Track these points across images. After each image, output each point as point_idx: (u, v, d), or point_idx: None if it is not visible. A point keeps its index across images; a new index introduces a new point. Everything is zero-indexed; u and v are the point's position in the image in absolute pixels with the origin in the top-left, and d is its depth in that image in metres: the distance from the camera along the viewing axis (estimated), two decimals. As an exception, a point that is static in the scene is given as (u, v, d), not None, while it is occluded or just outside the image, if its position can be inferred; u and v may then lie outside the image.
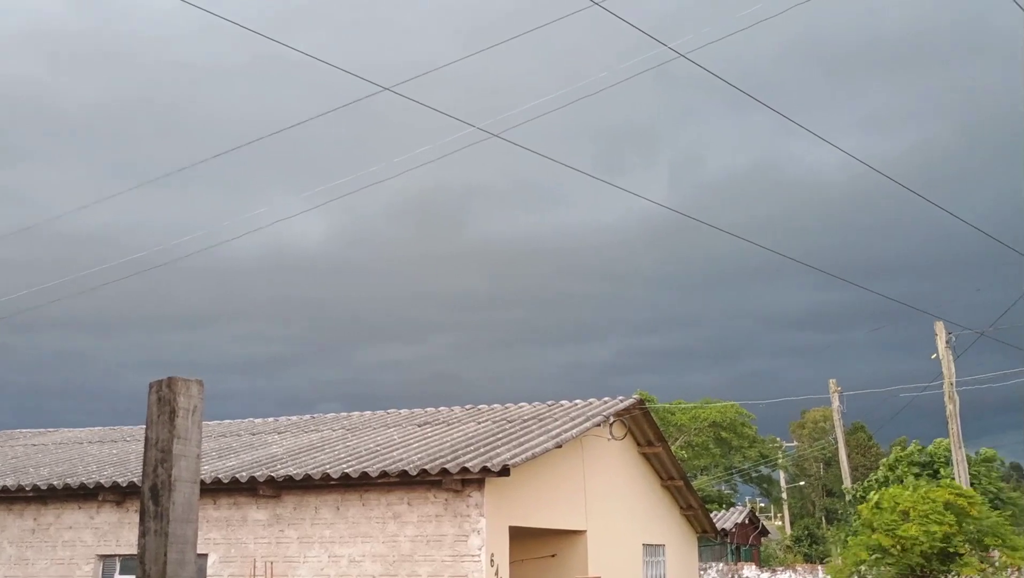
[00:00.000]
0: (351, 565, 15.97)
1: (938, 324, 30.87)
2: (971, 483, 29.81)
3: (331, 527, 16.33)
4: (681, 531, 24.23)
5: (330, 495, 16.44)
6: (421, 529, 15.58)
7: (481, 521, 15.14)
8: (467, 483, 15.29)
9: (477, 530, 15.14)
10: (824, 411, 66.92)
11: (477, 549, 15.08)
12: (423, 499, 15.69)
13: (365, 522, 16.11)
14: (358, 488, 16.18)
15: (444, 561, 15.29)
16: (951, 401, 30.30)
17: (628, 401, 21.19)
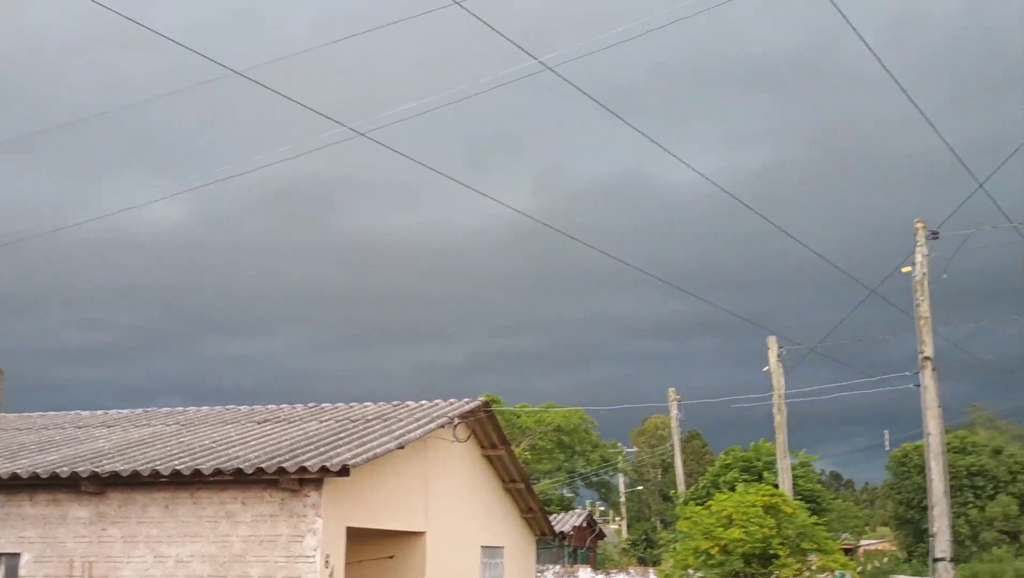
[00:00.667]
0: (178, 566, 15.39)
1: (771, 338, 32.49)
2: (792, 488, 31.46)
3: (159, 526, 15.70)
4: (520, 533, 24.53)
5: (160, 493, 15.80)
6: (255, 529, 15.18)
7: (318, 522, 14.89)
8: (305, 483, 15.00)
9: (313, 531, 14.88)
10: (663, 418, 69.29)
11: (312, 550, 14.82)
12: (258, 498, 15.29)
13: (196, 521, 15.56)
14: (190, 486, 15.62)
15: (277, 562, 14.95)
16: (779, 412, 31.92)
17: (473, 403, 21.29)
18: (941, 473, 21.08)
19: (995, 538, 39.86)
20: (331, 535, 15.22)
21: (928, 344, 21.67)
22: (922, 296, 21.90)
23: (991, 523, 40.37)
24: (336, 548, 15.41)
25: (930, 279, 22.08)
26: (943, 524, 20.84)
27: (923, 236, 22.08)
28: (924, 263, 22.04)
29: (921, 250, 22.05)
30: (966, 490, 41.18)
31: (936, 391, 21.65)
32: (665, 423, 66.64)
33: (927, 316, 21.77)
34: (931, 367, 21.57)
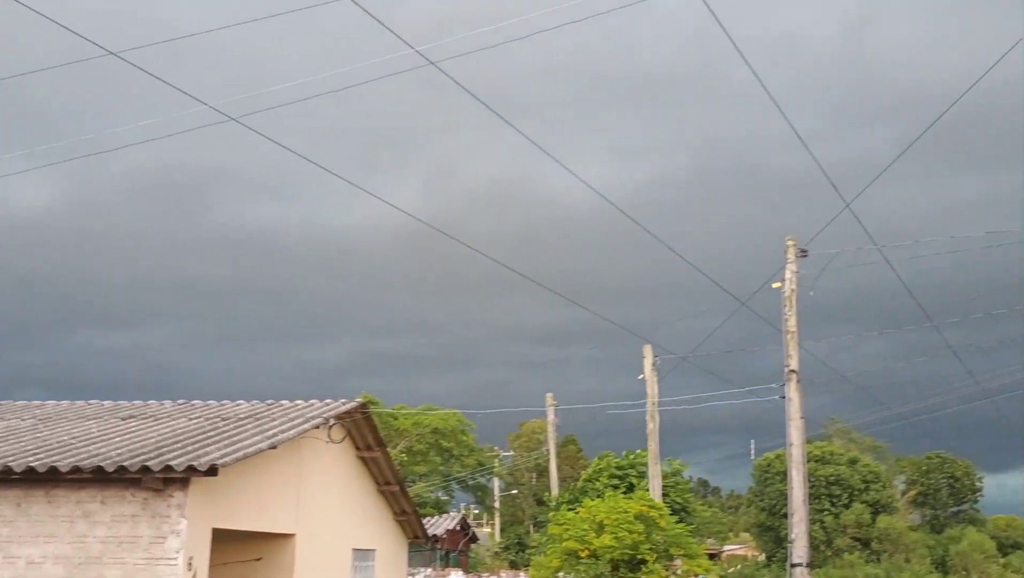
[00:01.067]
0: (29, 567, 14.63)
1: (646, 347, 33.24)
2: (662, 496, 32.26)
3: (10, 525, 14.89)
4: (393, 536, 24.33)
5: (11, 490, 14.99)
6: (114, 530, 14.56)
7: (182, 522, 14.40)
8: (170, 482, 14.48)
9: (176, 532, 14.38)
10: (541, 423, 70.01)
11: (175, 552, 14.32)
12: (119, 498, 14.67)
13: (51, 521, 14.83)
14: (45, 484, 14.87)
15: (137, 564, 14.38)
16: (652, 419, 32.68)
17: (350, 404, 21.01)
18: (801, 481, 21.98)
19: (848, 544, 41.83)
20: (195, 537, 14.75)
21: (794, 357, 22.58)
22: (790, 311, 22.81)
23: (845, 530, 42.34)
24: (200, 550, 14.93)
25: (798, 295, 23.02)
26: (801, 530, 21.72)
27: (793, 253, 23.01)
28: (793, 280, 22.96)
29: (790, 267, 22.97)
30: (823, 498, 43.05)
31: (800, 403, 22.58)
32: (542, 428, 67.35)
33: (794, 330, 22.67)
34: (796, 380, 22.48)
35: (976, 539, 47.83)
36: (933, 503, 60.27)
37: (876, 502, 43.95)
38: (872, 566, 39.23)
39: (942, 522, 58.12)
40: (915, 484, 60.69)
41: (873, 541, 42.13)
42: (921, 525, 56.76)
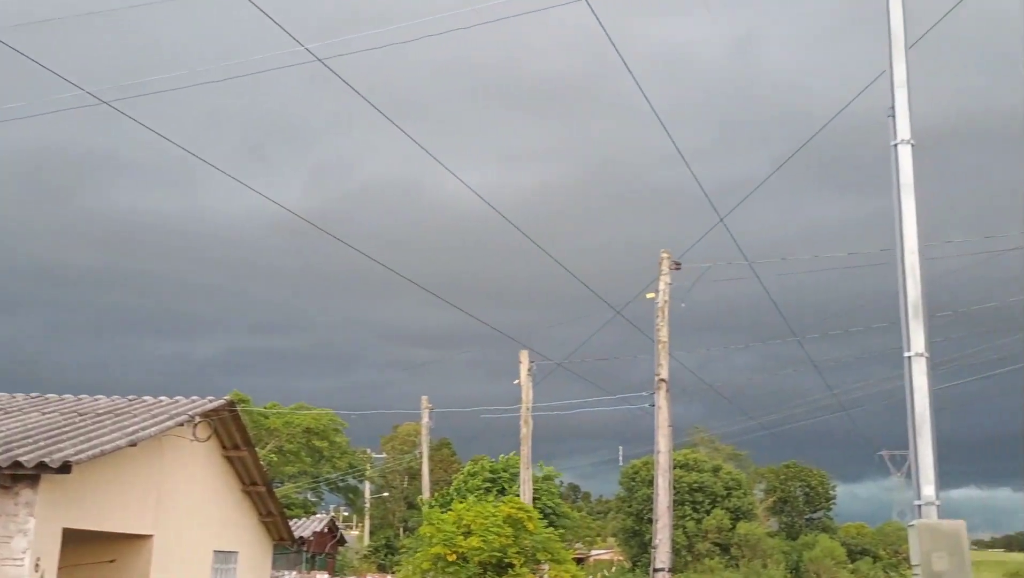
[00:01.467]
0: None
1: (523, 352, 33.49)
2: (533, 500, 32.55)
3: None
4: (257, 538, 23.73)
5: None
6: (-46, 529, 13.71)
7: (30, 522, 13.68)
8: (19, 479, 13.75)
9: (24, 531, 13.65)
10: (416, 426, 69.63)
11: (21, 552, 13.59)
12: (-39, 495, 13.83)
13: None
14: None
15: (-21, 565, 13.58)
16: (526, 424, 32.94)
17: (217, 402, 20.41)
18: (667, 488, 22.55)
19: (709, 549, 43.18)
20: (44, 536, 14.04)
21: (664, 367, 23.16)
22: (662, 321, 23.38)
23: (706, 535, 43.70)
24: (49, 551, 14.22)
25: (670, 306, 23.62)
26: (665, 536, 22.27)
27: (667, 266, 23.61)
28: (666, 291, 23.56)
29: (664, 279, 23.56)
30: (687, 504, 44.34)
31: (669, 411, 23.16)
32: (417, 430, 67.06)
33: (665, 340, 23.26)
34: (665, 388, 23.06)
35: (828, 546, 50.15)
36: (790, 510, 62.89)
37: (737, 509, 45.51)
38: (731, 571, 40.61)
39: (797, 529, 60.69)
40: (773, 492, 63.20)
41: (733, 546, 43.60)
42: (778, 531, 59.13)
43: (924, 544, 9.75)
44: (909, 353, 10.79)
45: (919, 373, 10.69)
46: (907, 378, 10.76)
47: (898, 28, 11.42)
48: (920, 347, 10.75)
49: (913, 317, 10.89)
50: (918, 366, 10.71)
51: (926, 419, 10.53)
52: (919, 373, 10.69)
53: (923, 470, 10.44)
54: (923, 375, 10.68)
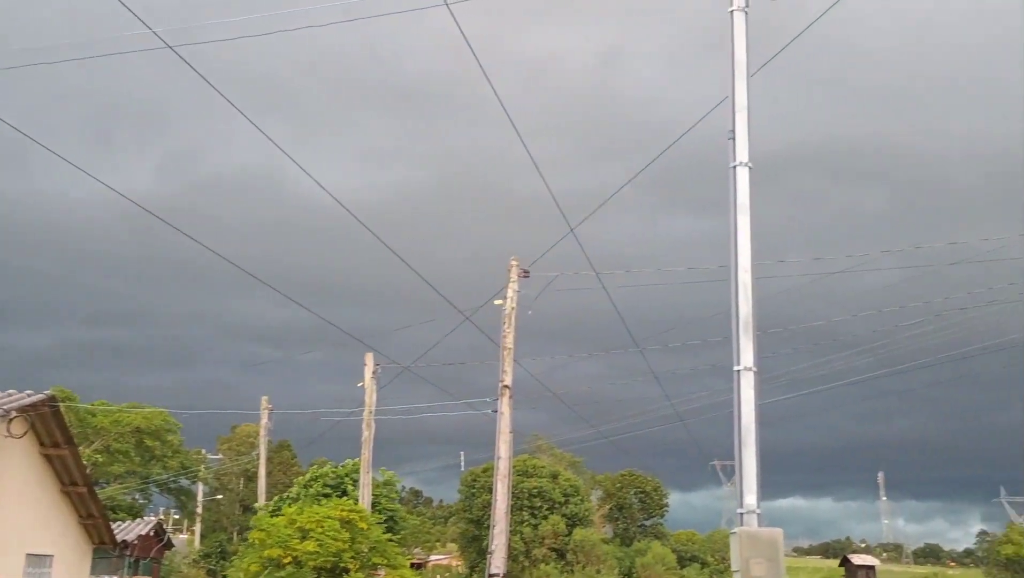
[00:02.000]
0: None
1: (368, 355, 33.07)
2: (372, 504, 32.15)
3: None
4: (76, 541, 22.45)
5: None
6: None
7: None
8: None
9: None
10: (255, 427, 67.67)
11: None
12: None
13: None
14: None
15: None
16: (368, 428, 32.53)
17: (35, 397, 19.21)
18: (506, 494, 22.71)
19: (545, 555, 43.77)
20: None
21: (509, 373, 23.33)
22: (508, 328, 23.57)
23: (543, 541, 44.28)
24: None
25: (517, 313, 23.84)
26: (501, 542, 22.41)
27: (516, 273, 23.82)
28: (514, 298, 23.76)
29: (512, 286, 23.76)
30: (525, 510, 44.81)
31: (511, 417, 23.34)
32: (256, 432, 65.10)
33: (510, 347, 23.44)
34: (509, 395, 23.23)
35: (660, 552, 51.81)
36: (625, 517, 64.65)
37: (574, 515, 46.34)
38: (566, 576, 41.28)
39: (631, 535, 62.43)
40: (610, 498, 64.82)
41: (568, 552, 44.35)
42: (613, 538, 60.64)
43: (744, 550, 10.15)
44: (738, 367, 11.22)
45: (747, 386, 11.14)
46: (735, 391, 11.19)
47: (741, 55, 11.91)
48: (749, 361, 11.20)
49: (743, 333, 11.34)
50: (746, 380, 11.16)
51: (751, 431, 10.98)
52: (747, 386, 11.14)
53: (747, 480, 10.87)
54: (751, 388, 11.13)
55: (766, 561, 10.06)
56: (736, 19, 12.06)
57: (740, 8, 12.03)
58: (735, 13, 12.04)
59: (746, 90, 11.80)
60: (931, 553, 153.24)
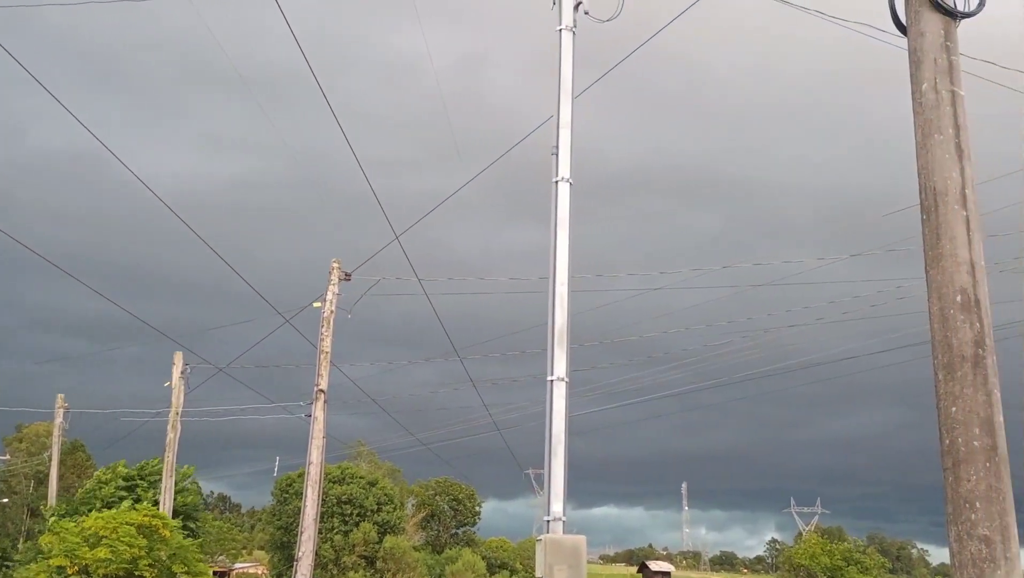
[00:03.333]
0: None
1: (177, 354, 31.70)
2: (174, 509, 30.79)
3: None
4: None
5: None
6: None
7: None
8: None
9: None
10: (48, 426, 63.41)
11: None
12: None
13: None
14: None
15: None
16: (173, 429, 31.15)
17: None
18: (316, 500, 22.27)
19: (355, 562, 43.26)
20: None
21: (325, 377, 22.92)
22: (327, 331, 23.17)
23: (353, 548, 43.75)
24: None
25: (337, 317, 23.47)
26: (309, 548, 21.96)
27: (337, 276, 23.46)
28: (334, 301, 23.38)
29: (333, 289, 23.38)
30: (336, 517, 44.15)
31: (324, 422, 22.93)
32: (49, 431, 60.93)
33: (328, 351, 23.05)
34: (324, 399, 22.82)
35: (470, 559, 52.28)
36: (437, 525, 64.79)
37: (386, 523, 46.06)
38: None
39: (443, 543, 62.63)
40: (424, 506, 64.82)
41: (378, 560, 44.03)
42: (424, 545, 60.61)
43: (548, 557, 10.38)
44: (551, 377, 11.49)
45: (559, 396, 11.42)
46: (548, 401, 11.44)
47: (567, 74, 12.24)
48: (562, 372, 11.49)
49: (558, 344, 11.62)
50: (558, 390, 11.44)
51: (561, 440, 11.25)
52: (559, 396, 11.42)
53: (554, 488, 11.13)
54: (562, 399, 11.42)
55: (568, 567, 10.32)
56: (564, 39, 12.38)
57: (568, 28, 12.36)
58: (562, 32, 12.36)
59: (570, 108, 12.13)
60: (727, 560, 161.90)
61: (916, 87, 7.08)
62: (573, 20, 12.47)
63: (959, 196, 6.71)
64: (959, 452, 6.27)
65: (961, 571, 6.07)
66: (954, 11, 7.07)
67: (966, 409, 6.30)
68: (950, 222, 6.66)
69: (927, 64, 7.02)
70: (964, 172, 6.79)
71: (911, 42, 7.20)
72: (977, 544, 6.04)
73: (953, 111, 6.92)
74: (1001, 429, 6.34)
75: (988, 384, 6.34)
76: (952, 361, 6.42)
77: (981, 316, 6.47)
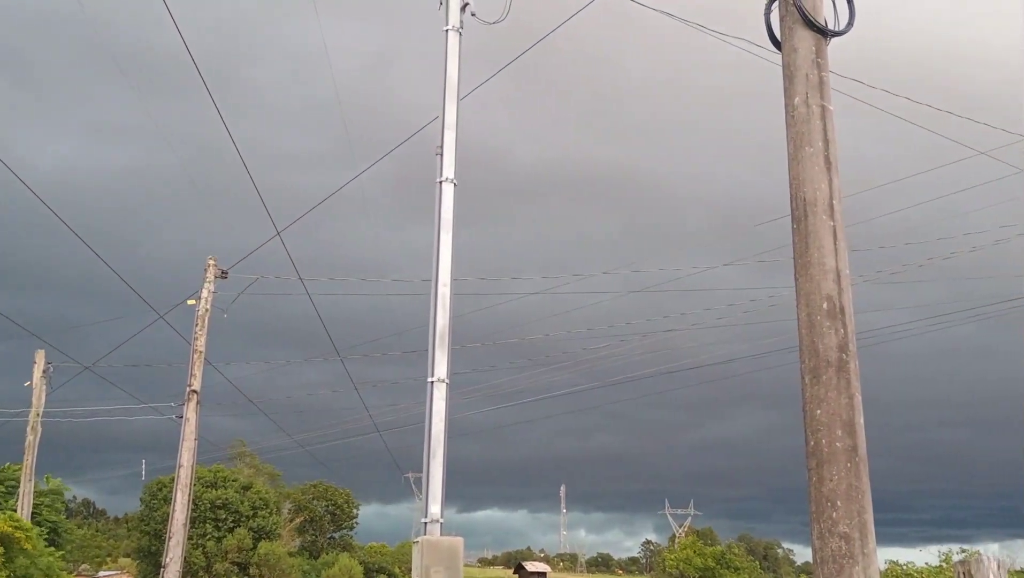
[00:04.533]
0: None
1: (39, 352, 30.20)
2: (33, 515, 29.29)
3: None
4: None
5: None
6: None
7: None
8: None
9: None
10: None
11: None
12: None
13: None
14: None
15: None
16: (33, 431, 29.65)
17: None
18: (185, 504, 21.53)
19: (227, 569, 42.06)
20: None
21: (198, 377, 22.20)
22: (201, 330, 22.45)
23: (226, 555, 42.53)
24: None
25: (215, 316, 22.80)
26: (177, 554, 21.21)
27: (212, 273, 22.77)
28: (209, 299, 22.69)
29: (208, 286, 22.69)
30: (208, 522, 42.82)
31: (197, 424, 22.21)
32: None
33: (202, 350, 22.34)
34: (197, 400, 22.10)
35: (347, 564, 51.57)
36: (314, 529, 63.61)
37: (261, 529, 44.95)
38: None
39: (320, 547, 61.53)
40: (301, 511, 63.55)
41: (252, 566, 42.94)
42: (301, 550, 59.41)
43: (425, 559, 10.30)
44: (432, 378, 11.42)
45: (439, 398, 11.35)
46: (428, 402, 11.37)
47: (453, 74, 12.20)
48: (443, 374, 11.43)
49: (439, 345, 11.56)
50: (439, 391, 11.37)
51: (440, 441, 11.19)
52: (439, 398, 11.35)
53: (432, 490, 11.06)
54: (442, 400, 11.36)
55: (445, 569, 10.26)
56: (450, 39, 12.35)
57: (455, 28, 12.33)
58: (449, 33, 12.32)
59: (456, 109, 12.10)
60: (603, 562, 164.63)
61: (789, 101, 7.33)
62: (460, 21, 12.45)
63: (827, 207, 6.96)
64: (822, 453, 6.50)
65: (822, 567, 6.29)
66: (825, 29, 7.35)
67: (830, 412, 6.53)
68: (819, 232, 6.90)
69: (799, 79, 7.28)
70: (832, 184, 7.05)
71: (785, 57, 7.45)
72: (838, 541, 6.27)
73: (823, 125, 7.18)
74: (862, 431, 6.60)
75: (851, 388, 6.59)
76: (818, 365, 6.65)
77: (845, 322, 6.73)
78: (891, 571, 30.66)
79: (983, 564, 5.82)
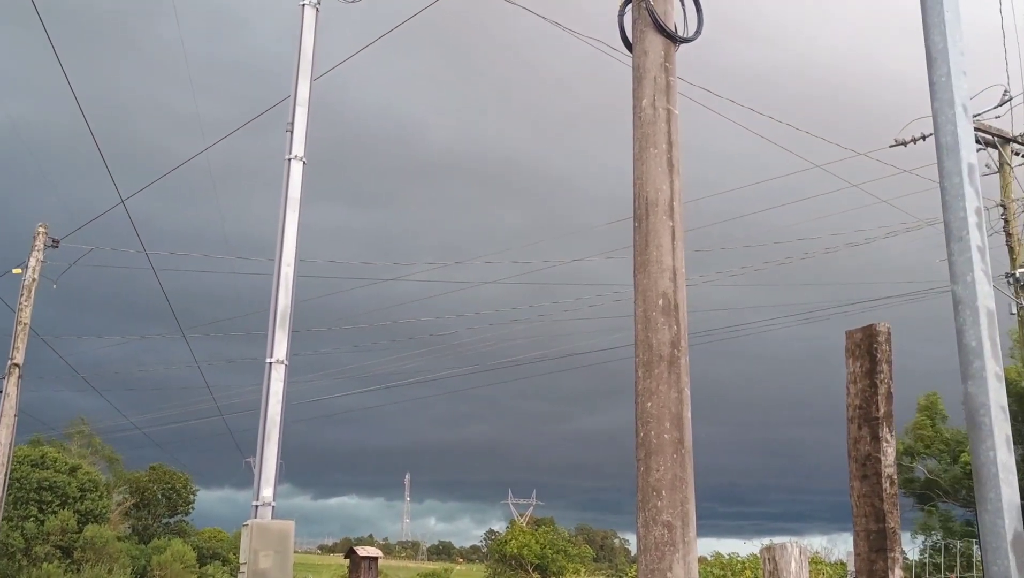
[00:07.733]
0: None
1: None
2: None
3: None
4: None
5: None
6: None
7: None
8: None
9: None
10: None
11: None
12: None
13: None
14: None
15: None
16: None
17: None
18: (0, 484, 20.29)
19: (49, 552, 39.92)
20: None
21: (21, 351, 20.93)
22: (27, 301, 21.17)
23: (48, 538, 40.34)
24: None
25: (39, 285, 21.53)
26: (-9, 538, 19.99)
27: (42, 241, 21.50)
28: (37, 268, 21.42)
29: (37, 255, 21.40)
30: (32, 504, 40.56)
31: (18, 400, 20.95)
32: None
33: (27, 322, 21.08)
34: (18, 374, 20.83)
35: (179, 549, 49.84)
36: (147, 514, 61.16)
37: (89, 512, 42.90)
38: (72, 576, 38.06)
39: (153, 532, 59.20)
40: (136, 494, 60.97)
41: (77, 550, 40.92)
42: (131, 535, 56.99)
43: (254, 542, 10.05)
44: (271, 359, 11.14)
45: (276, 379, 11.10)
46: (265, 383, 11.09)
47: (308, 50, 11.91)
48: (282, 355, 11.18)
49: (279, 326, 11.29)
50: (277, 373, 11.12)
51: (276, 423, 10.94)
52: (276, 379, 11.10)
53: (266, 473, 10.80)
54: (280, 381, 11.11)
55: (275, 553, 10.05)
56: (306, 15, 12.05)
57: (311, 4, 12.03)
58: (305, 8, 12.02)
59: (308, 86, 11.82)
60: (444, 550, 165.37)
61: (637, 102, 7.49)
62: (318, -4, 12.17)
63: (668, 207, 7.16)
64: (651, 444, 6.69)
65: (645, 554, 6.49)
66: (674, 35, 7.54)
67: (660, 405, 6.73)
68: (658, 231, 7.09)
69: (647, 81, 7.45)
70: (673, 185, 7.25)
71: (635, 60, 7.61)
72: (661, 529, 6.47)
73: (668, 128, 7.37)
74: (688, 424, 6.83)
75: (680, 382, 6.81)
76: (651, 359, 6.84)
77: (679, 319, 6.94)
78: (716, 561, 32.07)
79: (787, 550, 6.20)
